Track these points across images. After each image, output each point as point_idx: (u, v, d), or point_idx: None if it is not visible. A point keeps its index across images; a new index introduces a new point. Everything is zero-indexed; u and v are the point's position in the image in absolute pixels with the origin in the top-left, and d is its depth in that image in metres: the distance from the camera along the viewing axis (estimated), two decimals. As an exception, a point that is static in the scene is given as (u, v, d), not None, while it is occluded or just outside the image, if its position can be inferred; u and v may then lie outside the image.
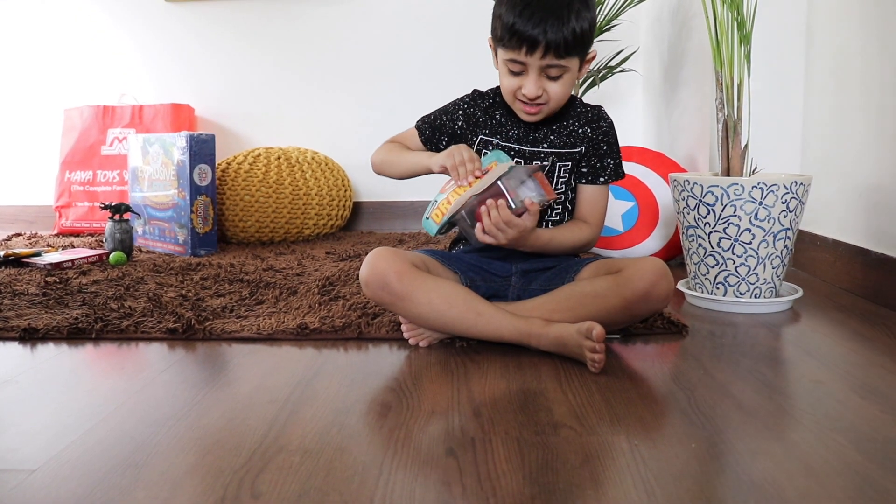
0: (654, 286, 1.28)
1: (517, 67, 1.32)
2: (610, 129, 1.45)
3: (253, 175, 2.66)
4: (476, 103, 1.47)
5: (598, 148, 1.44)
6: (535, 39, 1.26)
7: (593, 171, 1.44)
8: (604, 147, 1.44)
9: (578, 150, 1.43)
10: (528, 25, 1.26)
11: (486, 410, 1.03)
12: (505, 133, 1.44)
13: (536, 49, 1.28)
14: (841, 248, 1.77)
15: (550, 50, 1.28)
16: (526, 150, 1.42)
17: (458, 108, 1.47)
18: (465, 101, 1.48)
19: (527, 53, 1.29)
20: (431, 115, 1.49)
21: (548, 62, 1.30)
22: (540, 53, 1.28)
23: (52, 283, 1.88)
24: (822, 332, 1.43)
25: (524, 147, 1.43)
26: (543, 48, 1.27)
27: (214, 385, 1.16)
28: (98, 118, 3.12)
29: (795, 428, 0.96)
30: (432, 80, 3.10)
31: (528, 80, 1.32)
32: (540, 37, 1.26)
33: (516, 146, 1.43)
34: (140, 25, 3.24)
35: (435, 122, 1.48)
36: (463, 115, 1.46)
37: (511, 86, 1.35)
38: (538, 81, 1.32)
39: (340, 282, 1.86)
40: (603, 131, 1.44)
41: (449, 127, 1.46)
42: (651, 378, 1.17)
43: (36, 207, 3.34)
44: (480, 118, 1.46)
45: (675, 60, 2.52)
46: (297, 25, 3.18)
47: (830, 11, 1.88)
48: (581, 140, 1.43)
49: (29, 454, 0.91)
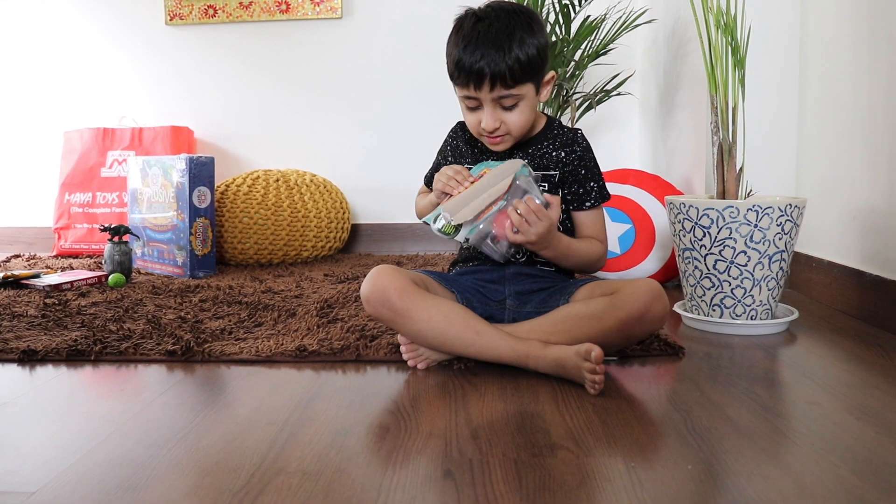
0: (649, 308, 1.29)
1: (472, 103, 1.36)
2: (586, 153, 1.45)
3: (252, 197, 2.67)
4: (458, 135, 1.52)
5: (577, 173, 1.44)
6: (480, 73, 1.30)
7: (578, 198, 1.45)
8: (582, 172, 1.45)
9: (554, 173, 1.44)
10: (471, 60, 1.30)
11: (484, 432, 1.03)
12: (484, 161, 1.46)
13: (483, 83, 1.31)
14: (836, 269, 1.79)
15: (497, 82, 1.31)
16: None
17: (447, 143, 1.53)
18: (450, 136, 1.53)
19: (475, 88, 1.32)
20: (435, 163, 1.55)
21: (498, 94, 1.32)
22: (488, 87, 1.31)
23: (51, 305, 1.89)
24: (817, 353, 1.43)
25: None
26: (490, 81, 1.30)
27: (213, 407, 1.16)
28: (98, 140, 3.14)
29: (791, 449, 0.96)
30: (430, 104, 3.13)
31: (484, 115, 1.35)
32: (485, 69, 1.29)
33: None
34: (140, 48, 3.27)
35: (434, 167, 1.54)
36: (450, 149, 1.52)
37: (472, 122, 1.39)
38: (493, 114, 1.35)
39: (339, 304, 1.86)
40: (578, 155, 1.44)
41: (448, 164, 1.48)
42: (648, 400, 1.18)
43: (35, 229, 3.35)
44: (463, 149, 1.49)
45: (671, 84, 2.55)
46: (297, 49, 3.21)
47: (823, 37, 1.91)
48: (555, 163, 1.44)
49: (29, 476, 0.91)
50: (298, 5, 3.15)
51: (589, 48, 2.58)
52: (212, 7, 3.18)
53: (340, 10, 3.14)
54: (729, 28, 1.63)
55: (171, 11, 3.20)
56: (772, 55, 2.04)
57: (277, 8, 3.16)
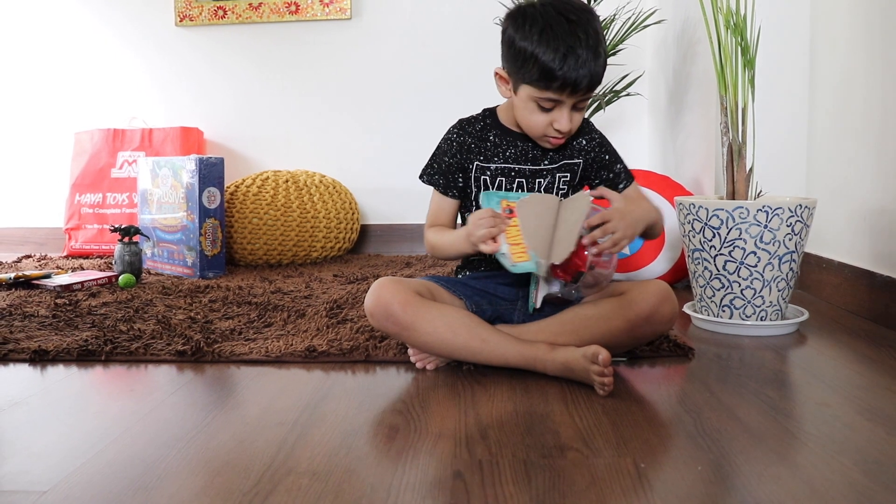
0: (657, 308, 1.29)
1: (550, 105, 1.32)
2: (603, 139, 1.47)
3: (261, 198, 2.68)
4: (465, 131, 1.45)
5: (601, 159, 1.45)
6: (578, 82, 1.27)
7: (610, 182, 1.46)
8: (606, 157, 1.46)
9: (577, 161, 1.44)
10: (573, 70, 1.25)
11: (494, 433, 1.03)
12: (502, 154, 1.43)
13: (579, 89, 1.28)
14: (846, 270, 1.78)
15: (591, 88, 1.29)
16: (527, 169, 1.43)
17: (451, 142, 1.45)
18: (453, 133, 1.46)
19: (570, 94, 1.29)
20: (434, 165, 1.46)
21: (581, 96, 1.31)
22: (582, 93, 1.30)
23: (61, 305, 1.90)
24: (827, 354, 1.43)
25: (524, 166, 1.43)
26: (586, 88, 1.29)
27: (223, 407, 1.17)
28: (108, 141, 3.15)
29: (801, 451, 0.96)
30: (439, 105, 3.13)
31: (562, 116, 1.32)
32: (584, 80, 1.27)
33: (516, 166, 1.42)
34: (150, 49, 3.28)
35: (440, 168, 1.46)
36: (457, 147, 1.44)
37: (542, 122, 1.34)
38: (569, 115, 1.33)
39: (348, 304, 1.87)
40: (597, 142, 1.46)
41: (456, 163, 1.44)
42: (657, 401, 1.18)
43: (46, 229, 3.37)
44: (472, 145, 1.44)
45: (681, 85, 2.54)
46: (306, 50, 3.22)
47: (833, 37, 1.90)
48: (578, 152, 1.44)
49: (40, 476, 0.92)
50: (308, 6, 3.16)
51: (598, 48, 2.57)
52: (221, 8, 3.19)
53: (350, 11, 3.14)
54: (738, 28, 1.62)
55: (180, 13, 3.21)
56: (782, 55, 2.03)
57: (287, 9, 3.17)
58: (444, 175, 1.45)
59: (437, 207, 1.48)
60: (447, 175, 1.45)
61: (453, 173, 1.45)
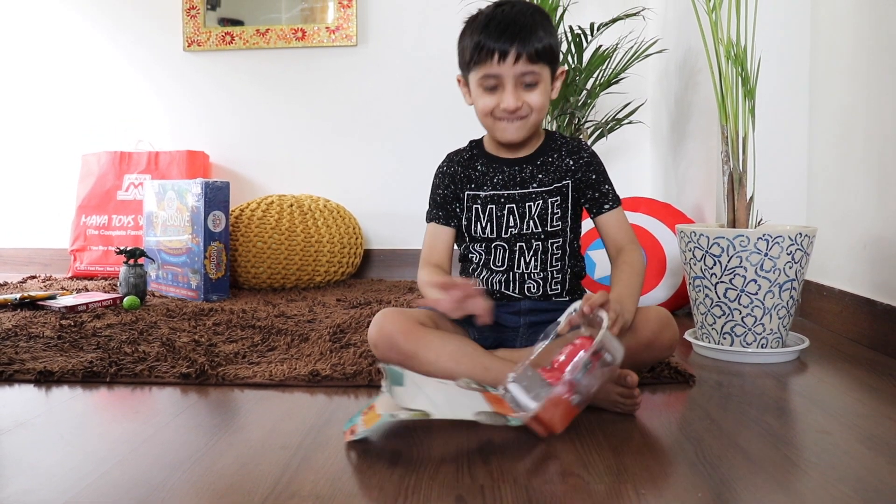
0: (657, 335, 1.30)
1: (492, 82, 1.35)
2: (592, 158, 1.47)
3: (266, 222, 2.70)
4: (454, 162, 1.50)
5: (588, 178, 1.45)
6: (505, 47, 1.31)
7: (595, 202, 1.45)
8: (593, 176, 1.45)
9: (566, 182, 1.45)
10: (495, 35, 1.31)
11: (496, 458, 1.04)
12: (490, 181, 1.45)
13: (508, 55, 1.31)
14: (847, 298, 1.79)
15: (522, 55, 1.31)
16: (516, 194, 1.44)
17: (443, 175, 1.50)
18: (443, 166, 1.50)
19: (499, 61, 1.32)
20: (433, 200, 1.51)
21: (521, 69, 1.32)
22: (512, 59, 1.31)
23: (66, 327, 1.91)
24: (828, 382, 1.43)
25: (513, 191, 1.44)
26: (515, 54, 1.31)
27: (227, 430, 1.18)
28: (115, 164, 3.18)
29: (801, 478, 0.97)
30: (443, 131, 3.15)
31: (505, 93, 1.34)
32: (511, 42, 1.30)
33: (505, 192, 1.44)
34: (158, 74, 3.32)
35: (437, 202, 1.50)
36: (449, 178, 1.49)
37: (488, 105, 1.37)
38: (515, 92, 1.34)
39: (351, 329, 1.88)
40: (585, 161, 1.45)
41: (451, 193, 1.48)
42: (658, 427, 1.18)
43: (51, 250, 3.39)
44: (461, 174, 1.48)
45: (682, 113, 2.56)
46: (312, 75, 3.25)
47: (832, 67, 1.92)
48: (566, 173, 1.45)
49: (45, 496, 0.93)
50: (314, 33, 3.20)
51: (601, 77, 2.61)
52: (229, 34, 3.23)
53: (356, 38, 3.18)
54: (739, 59, 1.64)
55: (189, 38, 3.25)
56: (782, 86, 2.06)
57: (293, 35, 3.21)
58: (442, 207, 1.49)
59: (432, 241, 1.51)
60: (444, 207, 1.49)
61: (450, 203, 1.48)
